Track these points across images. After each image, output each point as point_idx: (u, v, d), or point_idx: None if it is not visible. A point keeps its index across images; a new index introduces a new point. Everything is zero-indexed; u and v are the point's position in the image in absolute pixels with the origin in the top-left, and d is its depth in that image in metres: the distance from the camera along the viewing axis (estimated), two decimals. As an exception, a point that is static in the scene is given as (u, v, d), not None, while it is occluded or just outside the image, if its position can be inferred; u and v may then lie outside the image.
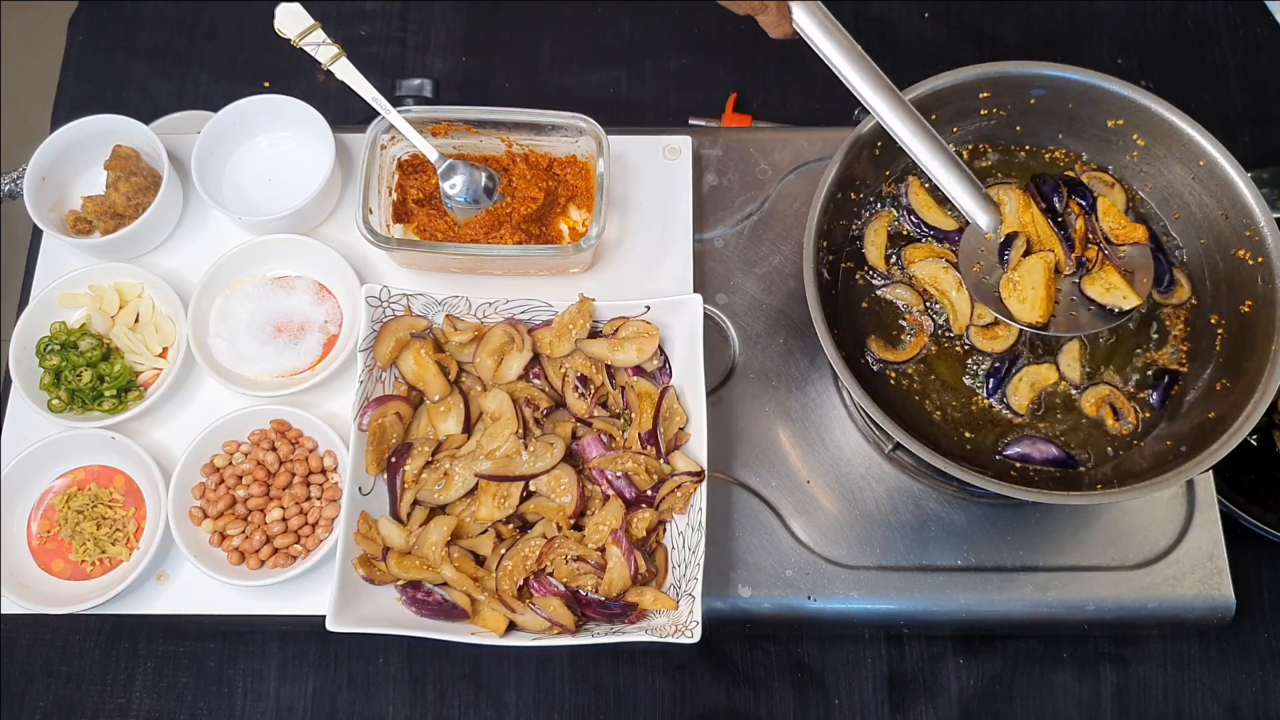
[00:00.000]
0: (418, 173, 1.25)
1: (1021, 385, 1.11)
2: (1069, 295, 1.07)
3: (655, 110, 1.88)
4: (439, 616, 1.06)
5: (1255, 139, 1.82)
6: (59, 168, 1.28)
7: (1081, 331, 1.06)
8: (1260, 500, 1.33)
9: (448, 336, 1.16)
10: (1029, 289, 1.05)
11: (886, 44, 1.92)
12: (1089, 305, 1.06)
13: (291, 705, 1.45)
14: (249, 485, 1.16)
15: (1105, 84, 1.11)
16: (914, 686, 1.42)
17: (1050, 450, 1.08)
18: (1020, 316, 1.05)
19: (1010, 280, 1.06)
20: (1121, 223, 1.09)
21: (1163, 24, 1.93)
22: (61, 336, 1.21)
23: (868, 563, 1.17)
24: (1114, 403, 1.10)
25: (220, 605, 1.15)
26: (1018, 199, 1.09)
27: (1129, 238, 1.08)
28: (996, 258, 1.08)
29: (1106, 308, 1.05)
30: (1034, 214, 1.09)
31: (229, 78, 1.89)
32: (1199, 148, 1.08)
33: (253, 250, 1.24)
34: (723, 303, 1.28)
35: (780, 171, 1.34)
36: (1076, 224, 1.08)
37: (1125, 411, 1.10)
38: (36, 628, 1.47)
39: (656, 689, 1.44)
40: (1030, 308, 1.04)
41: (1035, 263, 1.06)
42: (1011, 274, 1.06)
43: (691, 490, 1.09)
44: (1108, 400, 1.10)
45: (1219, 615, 1.15)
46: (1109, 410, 1.10)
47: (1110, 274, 1.06)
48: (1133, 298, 1.05)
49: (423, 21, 1.94)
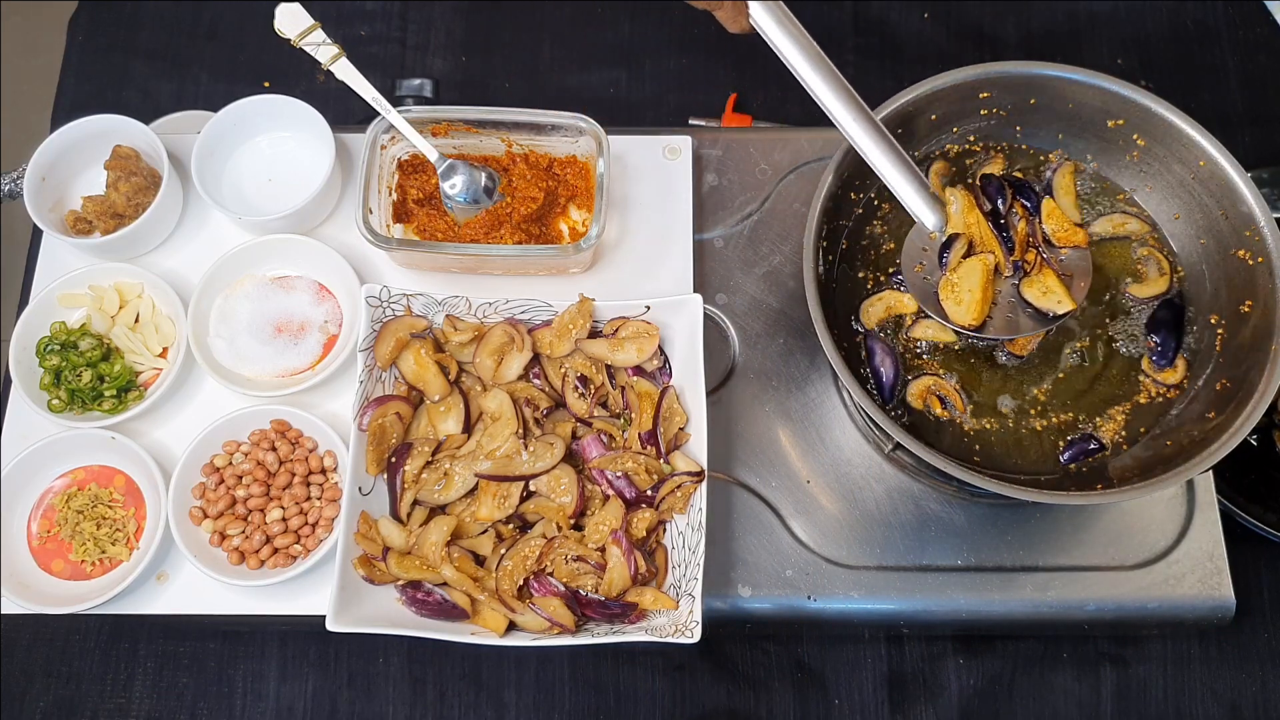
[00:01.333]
0: (418, 173, 1.25)
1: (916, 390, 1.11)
2: (1008, 297, 1.07)
3: (655, 110, 1.88)
4: (439, 616, 1.06)
5: (1255, 139, 1.82)
6: (59, 168, 1.28)
7: (1017, 335, 1.06)
8: (1260, 500, 1.33)
9: (448, 336, 1.16)
10: (965, 291, 1.05)
11: (886, 44, 1.92)
12: (1026, 308, 1.06)
13: (291, 705, 1.45)
14: (249, 485, 1.16)
15: (1105, 84, 1.11)
16: (914, 686, 1.42)
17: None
18: (955, 318, 1.05)
19: (949, 282, 1.06)
20: (1065, 225, 1.09)
21: (1162, 24, 1.93)
22: (61, 336, 1.21)
23: (868, 563, 1.17)
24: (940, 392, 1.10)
25: (220, 605, 1.15)
26: (964, 200, 1.08)
27: (1070, 241, 1.08)
28: (938, 259, 1.08)
29: (1042, 311, 1.06)
30: (979, 216, 1.09)
31: (229, 78, 1.89)
32: (1199, 148, 1.08)
33: (253, 250, 1.24)
34: (723, 303, 1.28)
35: (780, 171, 1.34)
36: (1019, 226, 1.08)
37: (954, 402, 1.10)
38: (36, 628, 1.47)
39: (656, 689, 1.44)
40: (965, 310, 1.04)
41: (974, 265, 1.06)
42: (950, 275, 1.06)
43: (691, 490, 1.09)
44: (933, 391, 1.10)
45: (1219, 615, 1.15)
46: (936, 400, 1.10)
47: (1048, 278, 1.06)
48: (1067, 302, 1.05)
49: (423, 21, 1.94)
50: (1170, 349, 1.11)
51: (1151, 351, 1.11)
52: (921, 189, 1.06)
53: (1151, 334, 1.12)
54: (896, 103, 1.11)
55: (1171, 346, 1.11)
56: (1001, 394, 1.12)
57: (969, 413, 1.11)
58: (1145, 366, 1.11)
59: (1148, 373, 1.11)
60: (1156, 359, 1.11)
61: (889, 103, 1.11)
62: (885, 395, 1.11)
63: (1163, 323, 1.12)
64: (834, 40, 1.92)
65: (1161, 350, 1.11)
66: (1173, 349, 1.11)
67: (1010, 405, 1.12)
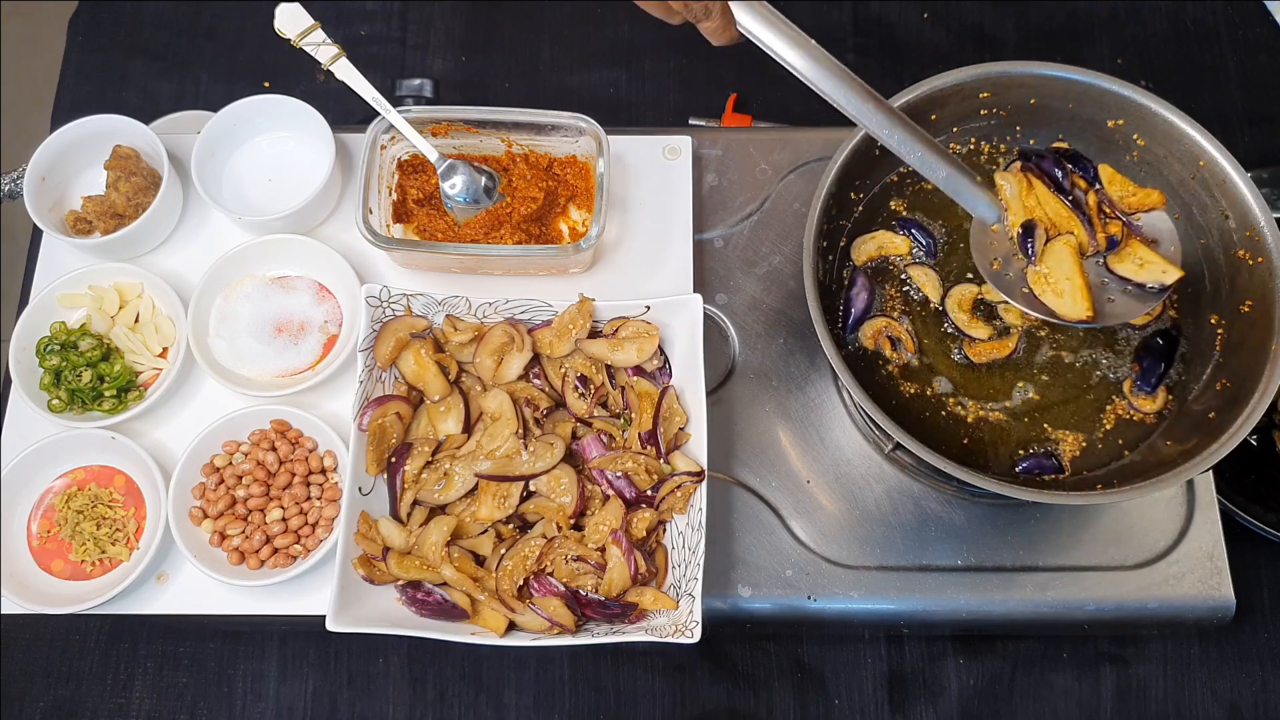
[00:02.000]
0: (418, 173, 1.25)
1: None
2: (1100, 277, 0.99)
3: (655, 110, 1.87)
4: (439, 616, 1.06)
5: (1255, 139, 1.82)
6: (59, 168, 1.28)
7: (1125, 319, 1.00)
8: (1260, 500, 1.33)
9: (448, 336, 1.16)
10: (1063, 280, 0.96)
11: (886, 44, 1.92)
12: (1124, 285, 0.99)
13: (291, 705, 1.45)
14: (249, 485, 1.16)
15: (1105, 84, 1.11)
16: (914, 686, 1.42)
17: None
18: (1064, 313, 0.97)
19: (1038, 274, 0.98)
20: (1130, 189, 1.01)
21: (1162, 24, 1.93)
22: (61, 336, 1.20)
23: (868, 563, 1.17)
24: (891, 334, 1.08)
25: (220, 605, 1.15)
26: (1016, 182, 1.01)
27: (1143, 204, 1.00)
28: (1014, 249, 1.00)
29: (1145, 286, 0.99)
30: (1039, 195, 1.01)
31: (229, 78, 1.89)
32: (1199, 148, 1.08)
33: (253, 250, 1.24)
34: (723, 303, 1.28)
35: (780, 171, 1.34)
36: (1088, 199, 0.99)
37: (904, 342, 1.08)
38: (36, 628, 1.47)
39: (656, 689, 1.44)
40: (1072, 301, 0.96)
41: (1060, 250, 0.97)
42: (1039, 266, 0.98)
43: (691, 490, 1.09)
44: (885, 332, 1.07)
45: (1219, 615, 1.15)
46: (887, 342, 1.07)
47: (1138, 248, 0.98)
48: (1172, 270, 0.97)
49: (423, 21, 1.94)
50: (1154, 377, 1.08)
51: (1136, 376, 1.09)
52: (968, 180, 0.99)
53: (1139, 360, 1.10)
54: (896, 103, 1.11)
55: (1156, 375, 1.08)
56: (988, 382, 1.11)
57: (917, 362, 1.09)
58: (1126, 390, 1.10)
59: (1127, 396, 1.09)
60: (1139, 384, 1.09)
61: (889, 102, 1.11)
62: (848, 329, 1.09)
63: (1154, 350, 1.10)
64: (834, 40, 1.92)
65: (1145, 377, 1.08)
66: (1156, 378, 1.08)
67: (976, 398, 1.11)
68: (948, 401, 1.11)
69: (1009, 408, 1.10)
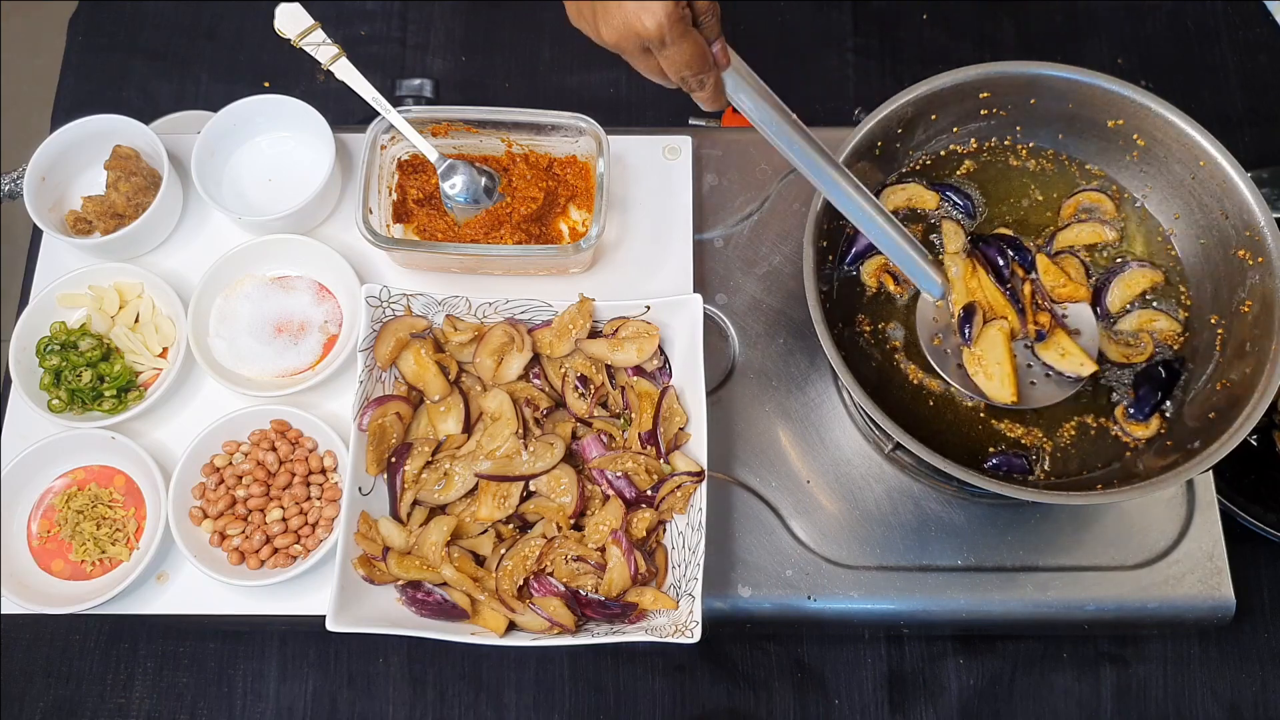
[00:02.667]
0: (418, 173, 1.25)
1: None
2: (1023, 362, 1.07)
3: (655, 110, 1.88)
4: (439, 616, 1.06)
5: (1255, 139, 1.82)
6: (59, 168, 1.28)
7: (1046, 403, 1.06)
8: (1260, 500, 1.33)
9: (448, 336, 1.16)
10: (994, 364, 1.04)
11: (886, 44, 1.92)
12: (1046, 371, 1.07)
13: (291, 705, 1.45)
14: (249, 485, 1.16)
15: (1105, 84, 1.11)
16: (914, 686, 1.42)
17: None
18: (991, 394, 1.05)
19: (972, 355, 1.05)
20: (1061, 280, 1.09)
21: (1162, 24, 1.93)
22: (61, 336, 1.21)
23: (868, 563, 1.17)
24: (893, 270, 1.11)
25: (220, 605, 1.15)
26: (962, 265, 1.08)
27: (1072, 296, 1.08)
28: (953, 327, 1.08)
29: (1064, 374, 1.06)
30: (981, 279, 1.09)
31: (229, 78, 1.90)
32: (1199, 148, 1.08)
33: (253, 250, 1.24)
34: (723, 303, 1.28)
35: (780, 171, 1.34)
36: (1024, 289, 1.08)
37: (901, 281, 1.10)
38: (36, 628, 1.48)
39: (656, 689, 1.44)
40: (999, 384, 1.04)
41: (994, 335, 1.05)
42: (974, 348, 1.05)
43: (691, 490, 1.09)
44: (886, 268, 1.12)
45: (1219, 615, 1.15)
46: (889, 278, 1.11)
47: (1062, 338, 1.06)
48: (1088, 364, 1.05)
49: (423, 21, 1.94)
50: (1149, 406, 1.08)
51: (1130, 403, 1.09)
52: (921, 257, 1.05)
53: (1136, 386, 1.09)
54: (896, 103, 1.11)
55: (1151, 404, 1.08)
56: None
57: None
58: (1119, 414, 1.09)
59: (1119, 420, 1.09)
60: (1133, 411, 1.08)
61: (889, 103, 1.11)
62: (846, 261, 1.12)
63: (1153, 379, 1.09)
64: (834, 40, 1.92)
65: (1139, 404, 1.08)
66: (1151, 406, 1.08)
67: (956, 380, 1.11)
68: (947, 395, 1.11)
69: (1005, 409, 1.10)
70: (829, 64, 1.89)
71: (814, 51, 1.91)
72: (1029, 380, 1.07)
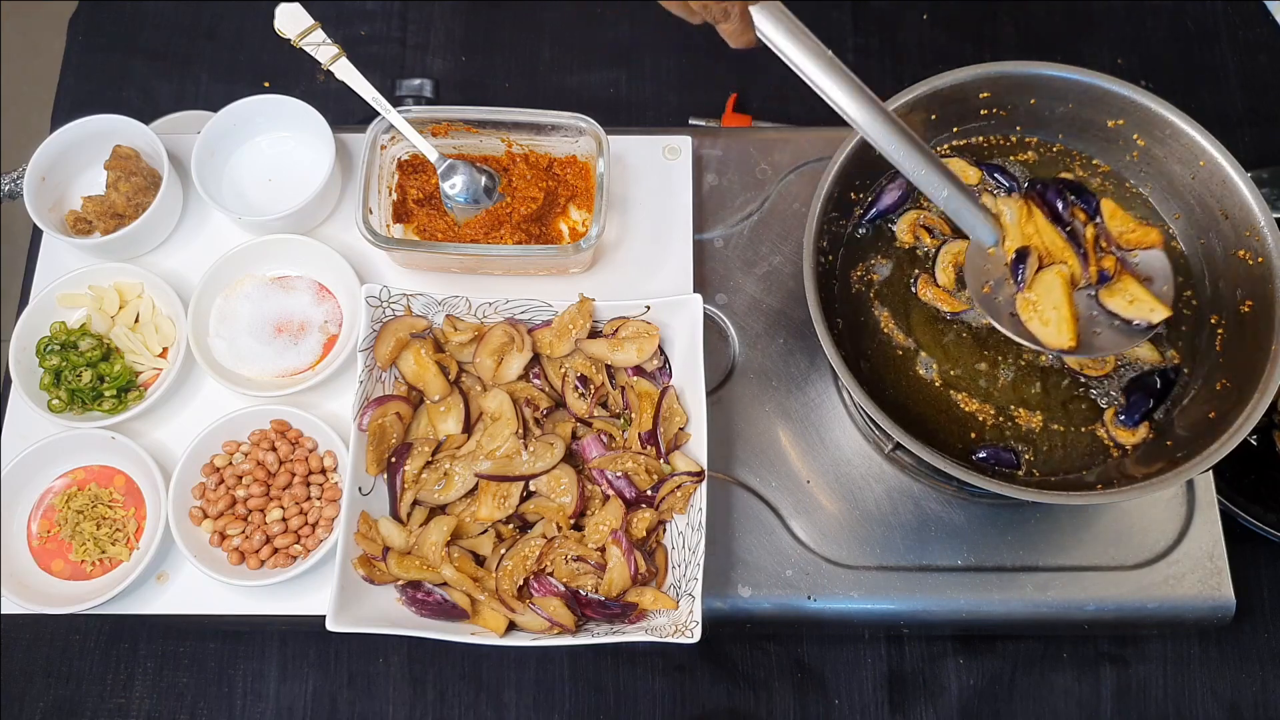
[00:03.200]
0: (418, 173, 1.25)
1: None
2: (1089, 310, 1.00)
3: (655, 110, 1.88)
4: (439, 616, 1.06)
5: (1255, 139, 1.82)
6: (59, 168, 1.28)
7: (1110, 352, 1.00)
8: (1260, 500, 1.33)
9: (448, 336, 1.16)
10: (1049, 309, 0.97)
11: (886, 44, 1.92)
12: (1112, 320, 1.00)
13: (291, 705, 1.45)
14: (249, 485, 1.16)
15: (1105, 84, 1.11)
16: (914, 686, 1.42)
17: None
18: (1047, 341, 0.98)
19: (1026, 300, 0.99)
20: (1130, 225, 1.02)
21: (1163, 24, 1.93)
22: (61, 336, 1.20)
23: (868, 563, 1.17)
24: (926, 224, 1.09)
25: (220, 605, 1.15)
26: (1017, 208, 1.02)
27: (1141, 242, 1.01)
28: (1006, 274, 1.01)
29: (1132, 322, 0.99)
30: (1038, 223, 1.02)
31: (229, 78, 1.90)
32: (1199, 148, 1.08)
33: (253, 250, 1.24)
34: (723, 303, 1.28)
35: (780, 171, 1.34)
36: (1086, 232, 1.00)
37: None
38: (36, 628, 1.47)
39: (656, 689, 1.44)
40: (1056, 330, 0.97)
41: (1051, 279, 0.98)
42: (1028, 293, 0.99)
43: (691, 490, 1.09)
44: (920, 223, 1.09)
45: (1219, 615, 1.15)
46: (924, 232, 1.08)
47: (1130, 284, 0.99)
48: (1160, 309, 0.97)
49: (423, 21, 1.94)
50: (1139, 413, 1.06)
51: (1121, 408, 1.08)
52: (970, 202, 0.99)
53: (1128, 393, 1.08)
54: (896, 103, 1.11)
55: (1142, 411, 1.06)
56: (963, 358, 1.11)
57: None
58: (1108, 418, 1.08)
59: (1108, 425, 1.08)
60: (1122, 416, 1.07)
61: (889, 103, 1.11)
62: (869, 218, 1.12)
63: (1145, 387, 1.07)
64: (834, 40, 1.91)
65: (1130, 411, 1.07)
66: (1141, 414, 1.07)
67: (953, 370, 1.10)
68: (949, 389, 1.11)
69: (1000, 404, 1.10)
70: (829, 64, 1.90)
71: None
72: (1093, 329, 0.99)
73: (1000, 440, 1.08)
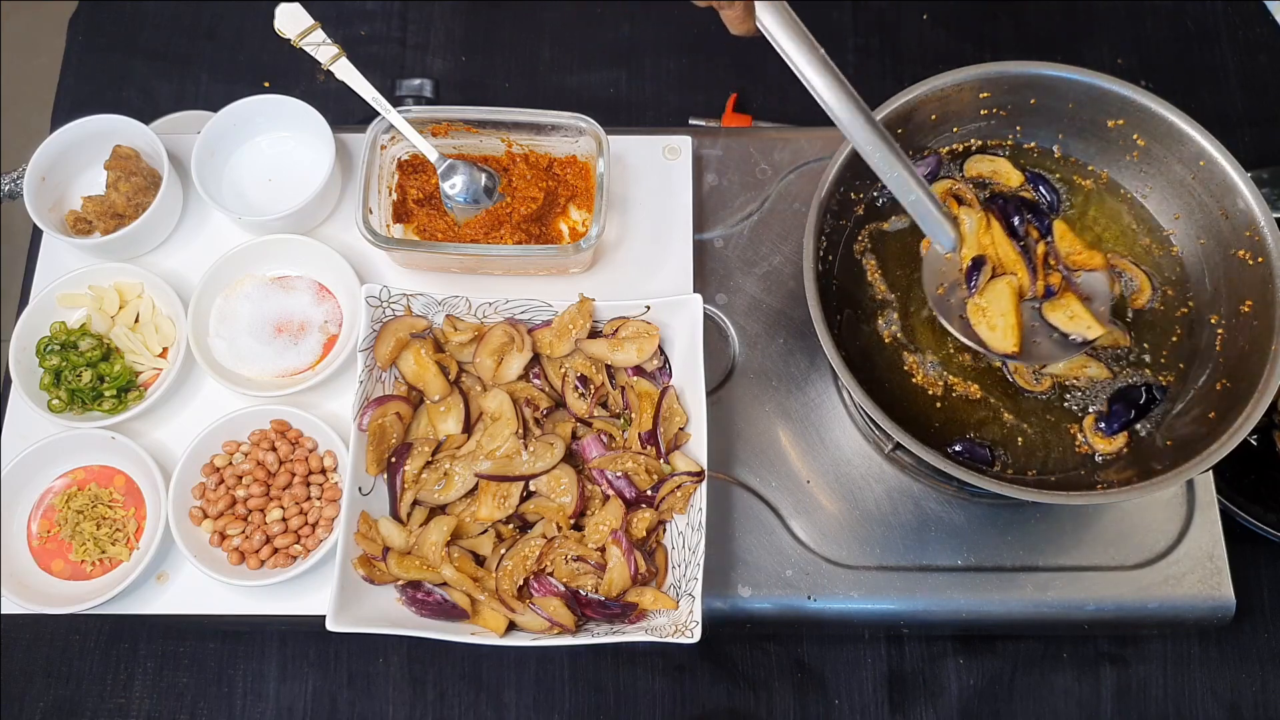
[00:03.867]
0: (418, 173, 1.25)
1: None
2: (1030, 321, 1.05)
3: (655, 110, 1.88)
4: (439, 616, 1.06)
5: (1255, 139, 1.82)
6: (59, 168, 1.28)
7: (1046, 361, 1.05)
8: (1260, 500, 1.33)
9: (448, 336, 1.16)
10: (998, 316, 1.03)
11: (886, 44, 1.92)
12: (1051, 333, 1.05)
13: (291, 705, 1.45)
14: (249, 485, 1.16)
15: (1105, 84, 1.11)
16: (914, 686, 1.42)
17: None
18: (993, 345, 1.03)
19: (977, 306, 1.04)
20: (1078, 247, 1.07)
21: (1163, 24, 1.93)
22: (61, 336, 1.21)
23: (868, 563, 1.17)
24: (957, 193, 1.10)
25: (220, 605, 1.15)
26: (977, 219, 1.07)
27: (1086, 264, 1.07)
28: (960, 279, 1.06)
29: (1069, 336, 1.04)
30: (995, 235, 1.07)
31: (229, 78, 1.90)
32: (1199, 148, 1.08)
33: (253, 250, 1.24)
34: (723, 303, 1.28)
35: (780, 171, 1.34)
36: (1038, 248, 1.06)
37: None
38: (36, 628, 1.48)
39: (656, 689, 1.44)
40: (1002, 336, 1.03)
41: (1001, 288, 1.04)
42: (978, 299, 1.04)
43: (691, 490, 1.09)
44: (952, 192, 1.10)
45: (1219, 615, 1.15)
46: (953, 201, 1.09)
47: (1072, 301, 1.05)
48: (1096, 327, 1.03)
49: (423, 21, 1.94)
50: (1119, 423, 1.07)
51: (1101, 416, 1.08)
52: (935, 207, 1.02)
53: (1112, 402, 1.09)
54: (897, 102, 1.11)
55: (1121, 422, 1.07)
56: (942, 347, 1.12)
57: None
58: (1086, 424, 1.09)
59: (1085, 430, 1.08)
60: (1102, 424, 1.08)
61: (889, 103, 1.11)
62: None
63: (1130, 400, 1.08)
64: (834, 40, 1.92)
65: (1110, 420, 1.07)
66: (1121, 424, 1.07)
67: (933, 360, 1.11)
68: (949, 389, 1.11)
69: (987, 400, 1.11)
70: (829, 64, 1.90)
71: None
72: (1033, 339, 1.05)
73: (986, 436, 1.09)
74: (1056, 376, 1.10)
